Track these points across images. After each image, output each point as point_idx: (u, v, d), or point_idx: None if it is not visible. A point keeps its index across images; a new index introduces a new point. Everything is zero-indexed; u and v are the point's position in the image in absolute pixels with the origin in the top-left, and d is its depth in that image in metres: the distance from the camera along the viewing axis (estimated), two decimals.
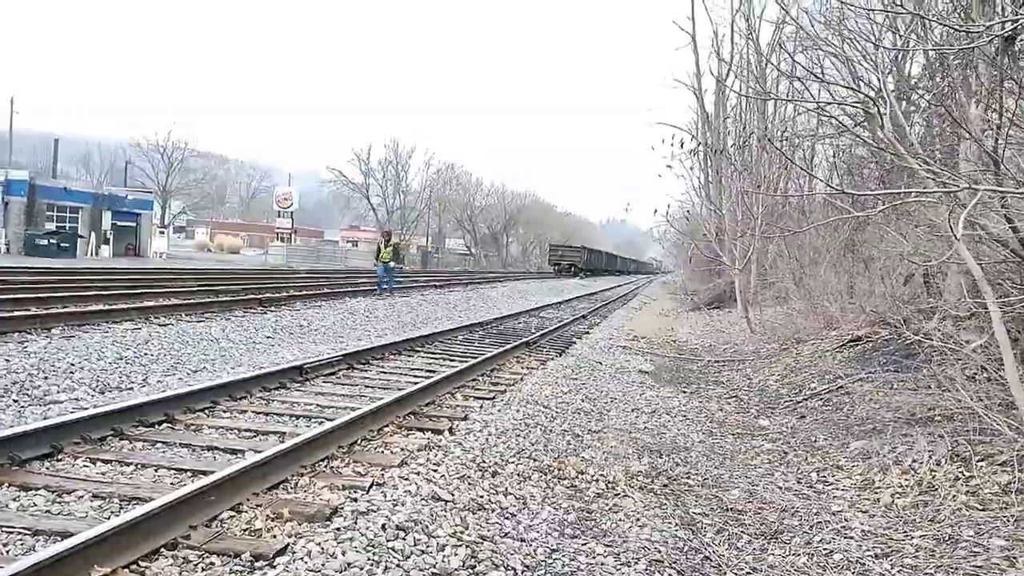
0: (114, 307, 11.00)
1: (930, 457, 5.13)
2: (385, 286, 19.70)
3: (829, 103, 10.63)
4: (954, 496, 4.56)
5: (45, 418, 5.22)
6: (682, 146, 15.41)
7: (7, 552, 3.23)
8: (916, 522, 4.37)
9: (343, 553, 3.26)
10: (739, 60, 24.43)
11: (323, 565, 3.13)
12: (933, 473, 4.92)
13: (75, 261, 28.53)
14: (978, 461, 4.91)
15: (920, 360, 7.73)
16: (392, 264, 19.96)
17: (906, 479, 5.00)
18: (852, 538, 4.23)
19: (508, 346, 10.84)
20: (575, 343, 13.00)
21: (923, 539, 4.10)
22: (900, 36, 10.73)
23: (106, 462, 4.51)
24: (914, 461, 5.19)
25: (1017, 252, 5.81)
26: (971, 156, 7.09)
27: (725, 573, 3.77)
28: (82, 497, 3.88)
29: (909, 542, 4.08)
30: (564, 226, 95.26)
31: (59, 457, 4.51)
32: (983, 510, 4.32)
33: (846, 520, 4.54)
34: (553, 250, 63.66)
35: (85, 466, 4.44)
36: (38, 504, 3.78)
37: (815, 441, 6.70)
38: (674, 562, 3.88)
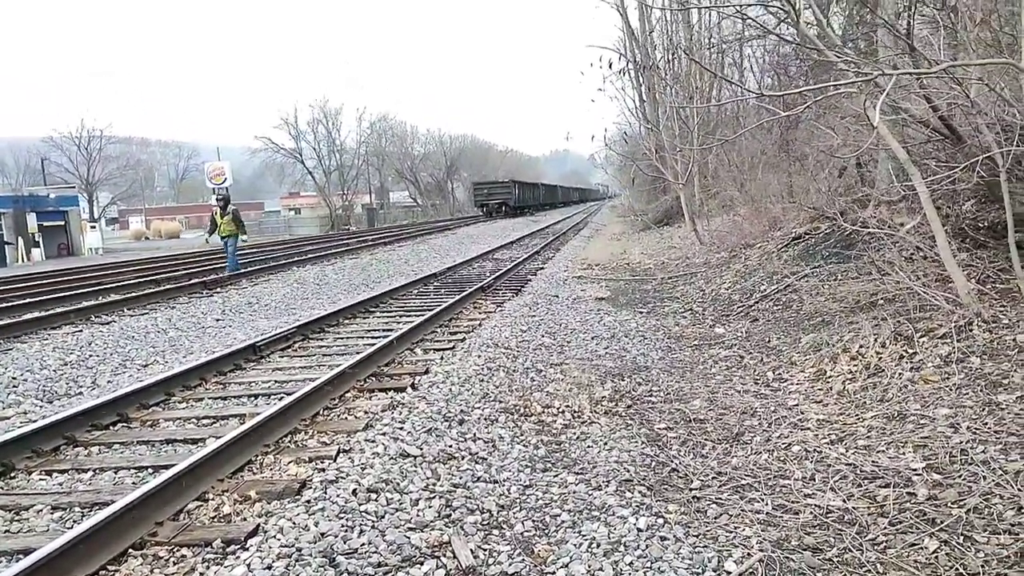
0: (51, 312, 10.59)
1: (875, 340, 5.32)
2: (229, 267, 15.37)
3: (749, 4, 10.57)
4: (900, 374, 4.76)
5: None
6: (611, 67, 15.26)
7: None
8: (867, 404, 4.56)
9: (315, 524, 3.26)
10: None
11: (296, 539, 3.12)
12: (879, 355, 5.12)
13: (6, 270, 27.29)
14: (920, 337, 5.12)
15: (860, 249, 7.96)
16: (235, 237, 15.39)
17: (855, 365, 5.19)
18: (808, 429, 4.40)
19: (463, 293, 10.81)
20: (530, 280, 13.04)
21: (874, 419, 4.28)
22: None
23: (62, 472, 4.39)
24: (861, 347, 5.38)
25: (939, 130, 5.95)
26: (888, 42, 7.15)
27: (692, 481, 3.89)
28: (41, 511, 3.78)
29: (861, 424, 4.27)
30: (507, 164, 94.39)
31: (12, 475, 4.37)
32: (927, 383, 4.52)
33: (802, 413, 4.71)
34: (478, 189, 54.81)
35: (41, 479, 4.32)
36: None
37: (769, 341, 6.89)
38: (643, 479, 3.99)
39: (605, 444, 4.58)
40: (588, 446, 4.57)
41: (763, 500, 3.55)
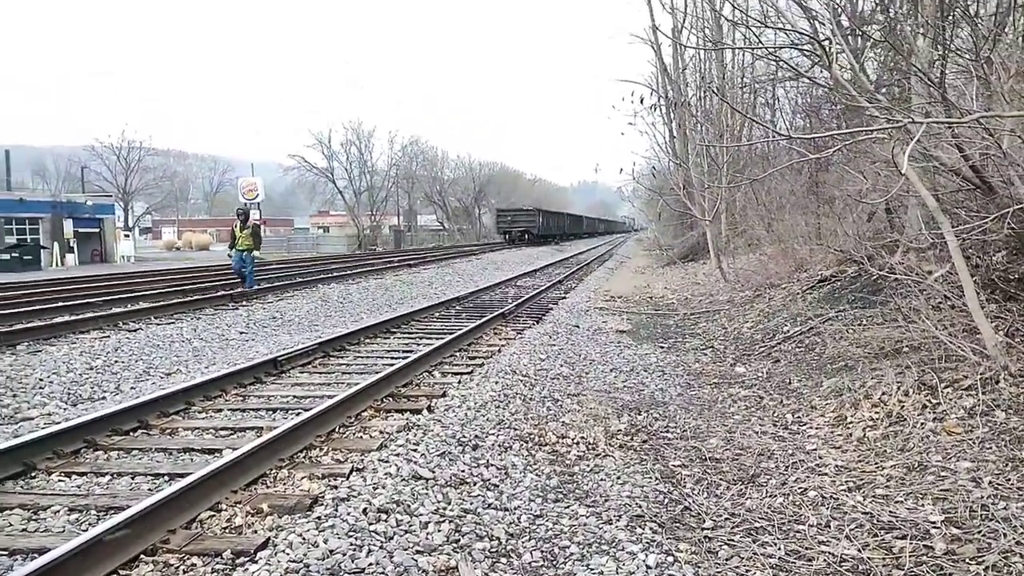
0: (81, 316, 10.81)
1: (898, 388, 5.24)
2: (247, 283, 14.75)
3: (782, 47, 10.63)
4: (922, 424, 4.68)
5: (16, 436, 5.13)
6: (642, 102, 15.37)
7: None
8: (887, 453, 4.49)
9: (325, 541, 3.28)
10: (693, 9, 24.26)
11: (305, 555, 3.14)
12: (902, 404, 5.04)
13: (40, 273, 27.91)
14: (944, 388, 5.03)
15: (886, 295, 7.87)
16: (251, 252, 14.75)
17: (876, 412, 5.11)
18: (826, 474, 4.33)
19: (484, 319, 10.84)
20: (552, 309, 13.04)
21: (893, 468, 4.20)
22: None
23: (81, 474, 4.47)
24: (883, 394, 5.30)
25: (969, 179, 5.90)
26: (921, 91, 7.14)
27: (704, 521, 3.84)
28: (58, 512, 3.85)
29: (880, 472, 4.19)
30: (535, 193, 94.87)
31: (32, 474, 4.45)
32: (950, 435, 4.44)
33: (820, 457, 4.64)
34: (501, 216, 53.33)
35: (60, 481, 4.40)
36: (13, 523, 3.74)
37: (789, 383, 6.82)
38: (655, 516, 3.95)
39: (618, 478, 4.54)
40: (601, 479, 4.54)
41: (776, 545, 3.49)
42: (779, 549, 3.44)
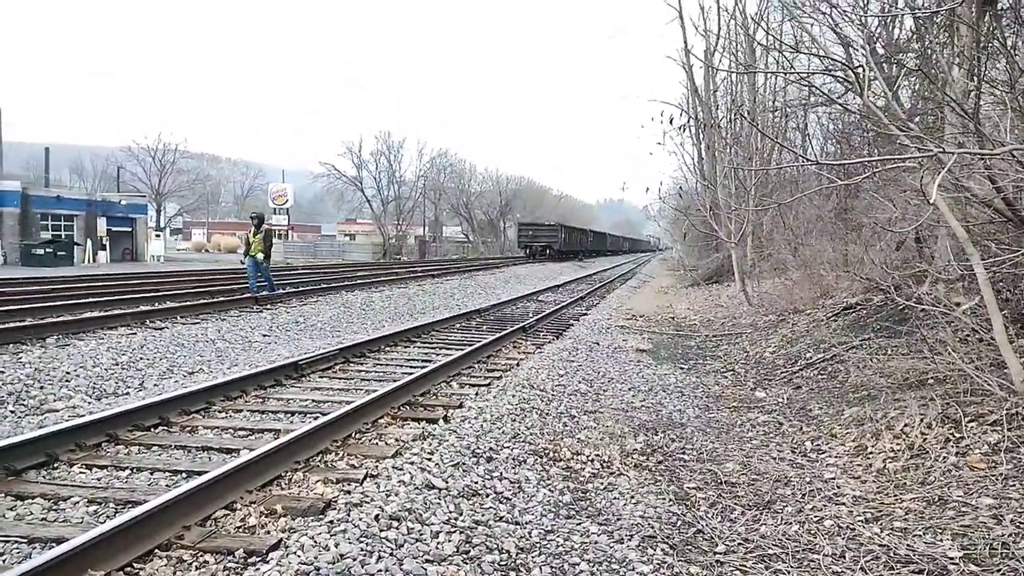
0: (109, 313, 11.01)
1: (921, 420, 5.15)
2: (263, 288, 14.63)
3: (815, 73, 10.59)
4: (944, 458, 4.59)
5: (41, 427, 5.25)
6: (671, 122, 15.37)
7: (3, 561, 3.26)
8: (907, 485, 4.41)
9: (336, 545, 3.29)
10: (726, 32, 24.25)
11: (316, 558, 3.16)
12: (924, 436, 4.95)
13: (72, 269, 28.53)
14: (968, 422, 4.94)
15: (912, 325, 7.74)
16: (262, 258, 14.63)
17: (898, 443, 5.03)
18: (843, 504, 4.26)
19: (504, 332, 10.86)
20: (572, 325, 13.02)
21: (913, 501, 4.13)
22: (886, 1, 10.66)
23: (102, 467, 4.55)
24: (906, 425, 5.21)
25: (1001, 212, 5.81)
26: (955, 121, 7.06)
27: (717, 545, 3.81)
28: (78, 503, 3.92)
29: (899, 505, 4.12)
30: (561, 208, 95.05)
31: (55, 465, 4.54)
32: (972, 470, 4.36)
33: (838, 487, 4.57)
34: (523, 229, 52.59)
35: (81, 472, 4.48)
36: (34, 512, 3.82)
37: (810, 410, 6.73)
38: (667, 537, 3.92)
39: (632, 497, 4.52)
40: (614, 497, 4.51)
41: (789, 573, 3.45)
42: None
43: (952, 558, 3.41)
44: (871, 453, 5.08)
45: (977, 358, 5.74)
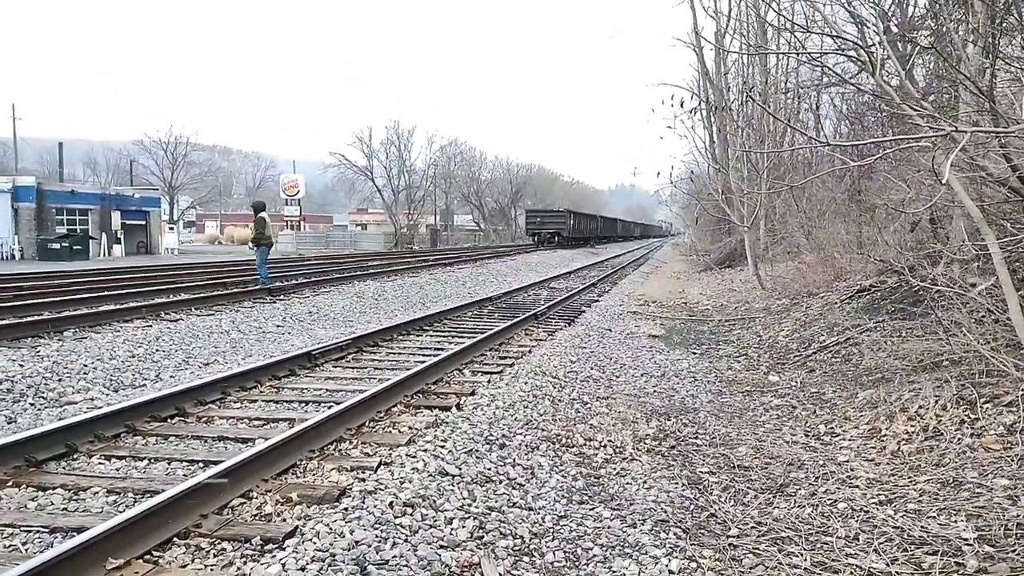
0: (125, 306, 11.13)
1: (936, 402, 5.13)
2: (274, 279, 14.55)
3: (827, 52, 10.45)
4: (959, 439, 4.57)
5: (60, 419, 5.32)
6: (682, 105, 15.25)
7: (26, 550, 3.33)
8: (921, 467, 4.39)
9: (351, 532, 3.33)
10: (737, 13, 23.97)
11: (331, 544, 3.19)
12: (939, 418, 4.93)
13: (88, 263, 28.82)
14: (984, 403, 4.91)
15: (927, 306, 7.67)
16: (257, 247, 14.51)
17: (912, 425, 5.01)
18: (857, 487, 4.26)
19: (516, 319, 10.87)
20: (584, 312, 13.01)
21: (927, 483, 4.12)
22: None
23: (120, 458, 4.62)
24: (920, 407, 5.19)
25: (1017, 191, 5.74)
26: (969, 99, 6.96)
27: (730, 528, 3.82)
28: (97, 493, 3.98)
29: (913, 487, 4.11)
30: (571, 195, 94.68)
31: (74, 456, 4.61)
32: (987, 451, 4.33)
33: (852, 470, 4.56)
34: (531, 216, 52.12)
35: (100, 463, 4.55)
36: (55, 502, 3.89)
37: (824, 394, 6.71)
38: (680, 521, 3.93)
39: (644, 482, 4.53)
40: (627, 483, 4.53)
41: (802, 555, 3.45)
42: (805, 560, 3.40)
43: (967, 539, 3.40)
44: (885, 436, 5.06)
45: (992, 339, 5.69)
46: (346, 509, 3.58)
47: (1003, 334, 5.79)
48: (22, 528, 3.52)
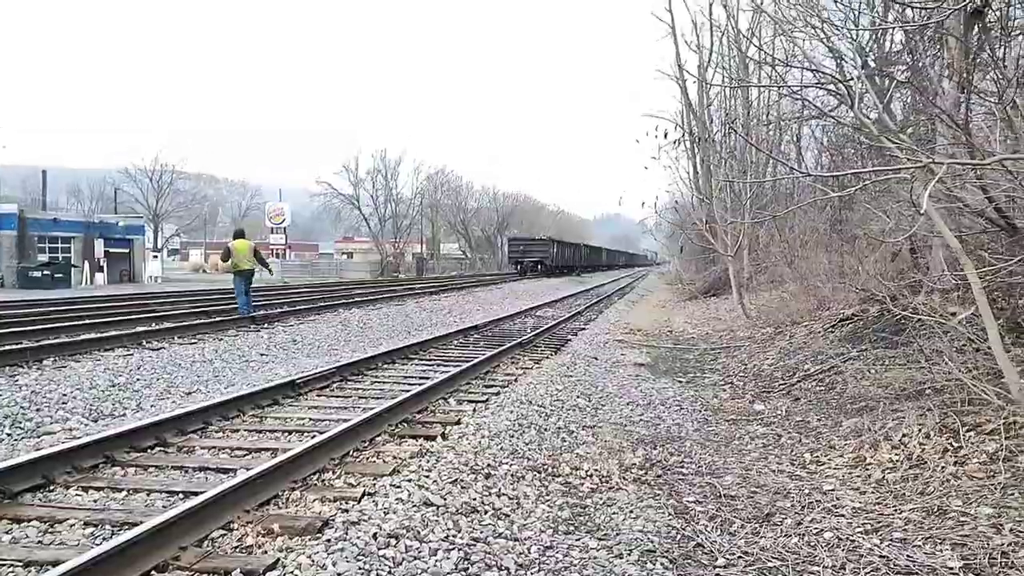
0: (106, 335, 11.00)
1: (919, 430, 5.16)
2: (258, 308, 14.32)
3: (807, 86, 10.67)
4: (943, 468, 4.59)
5: (37, 449, 5.22)
6: (666, 136, 15.48)
7: None
8: (906, 496, 4.40)
9: (333, 564, 3.28)
10: (718, 48, 24.46)
11: None
12: (922, 446, 4.95)
13: (70, 291, 28.48)
14: (966, 432, 4.94)
15: (909, 335, 7.75)
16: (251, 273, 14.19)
17: (896, 454, 5.03)
18: (843, 516, 4.25)
19: (502, 348, 10.85)
20: (570, 340, 13.02)
21: (912, 512, 4.12)
22: (877, 15, 10.76)
23: (98, 489, 4.52)
24: (904, 436, 5.21)
25: (994, 221, 5.85)
26: (945, 132, 7.12)
27: (716, 558, 3.79)
28: (74, 525, 3.89)
29: (898, 516, 4.11)
30: (557, 224, 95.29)
31: (51, 488, 4.52)
32: (971, 480, 4.35)
33: (837, 498, 4.56)
34: (513, 245, 51.05)
35: (77, 495, 4.46)
36: (30, 535, 3.80)
37: (808, 422, 6.73)
38: (666, 551, 3.90)
39: (631, 512, 4.50)
40: (614, 512, 4.50)
41: None
42: None
43: (952, 568, 3.40)
44: (870, 464, 5.08)
45: (974, 368, 5.75)
46: (329, 540, 3.53)
47: (984, 363, 5.85)
48: None
